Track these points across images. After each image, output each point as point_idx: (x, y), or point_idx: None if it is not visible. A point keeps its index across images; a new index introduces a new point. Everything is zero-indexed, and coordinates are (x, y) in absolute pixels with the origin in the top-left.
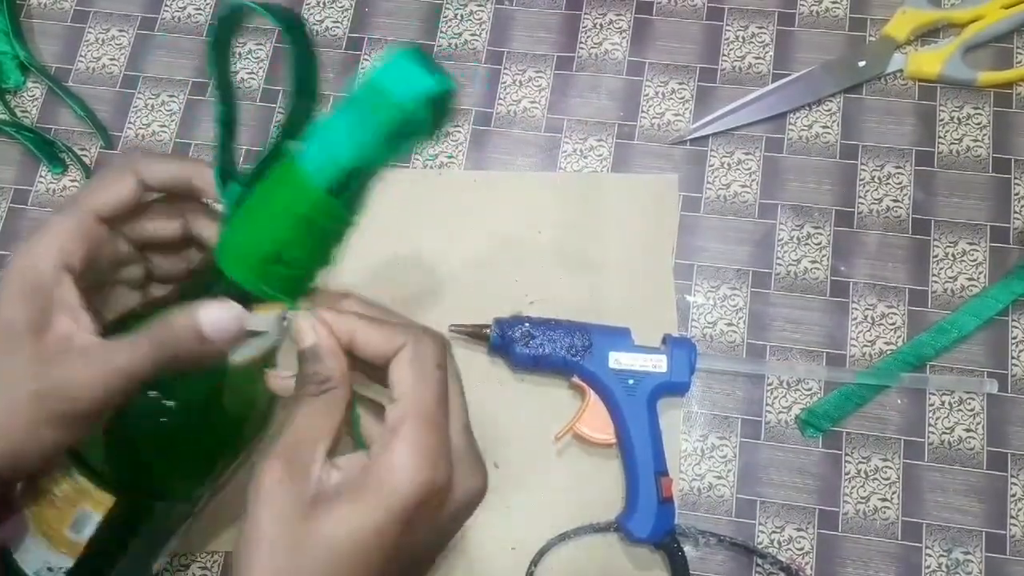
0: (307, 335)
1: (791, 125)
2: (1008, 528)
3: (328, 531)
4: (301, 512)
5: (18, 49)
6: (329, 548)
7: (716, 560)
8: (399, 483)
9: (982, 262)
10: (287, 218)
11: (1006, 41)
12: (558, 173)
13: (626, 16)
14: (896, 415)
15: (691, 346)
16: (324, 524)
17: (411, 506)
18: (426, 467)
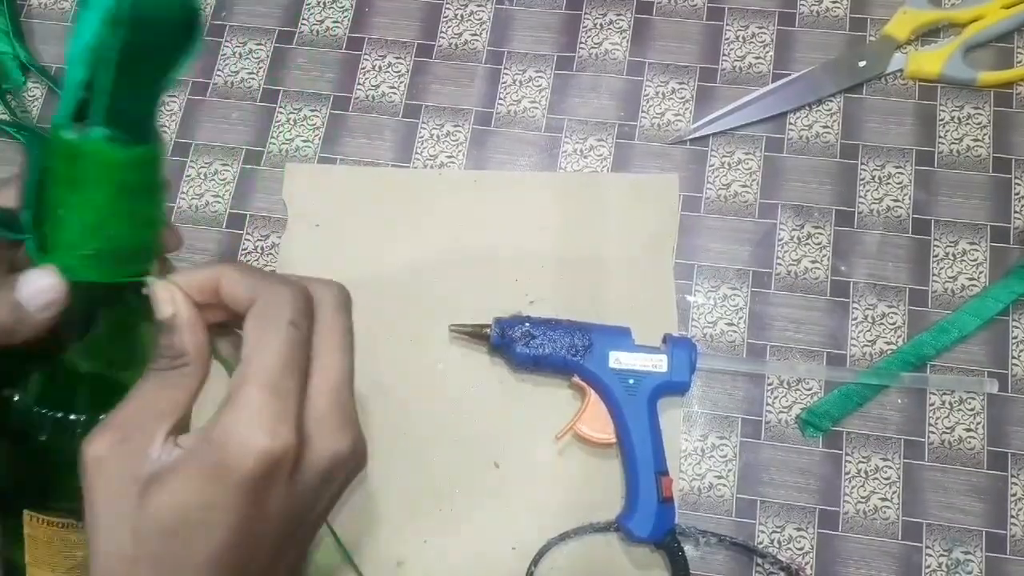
0: (165, 305)
1: (791, 125)
2: (1008, 528)
3: (158, 511)
4: (133, 494)
5: (18, 49)
6: (162, 529)
7: (716, 560)
8: (233, 455)
9: (982, 262)
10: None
11: (1006, 41)
12: (558, 173)
13: (626, 16)
14: (896, 415)
15: (691, 346)
16: (155, 503)
17: (249, 478)
18: (261, 435)
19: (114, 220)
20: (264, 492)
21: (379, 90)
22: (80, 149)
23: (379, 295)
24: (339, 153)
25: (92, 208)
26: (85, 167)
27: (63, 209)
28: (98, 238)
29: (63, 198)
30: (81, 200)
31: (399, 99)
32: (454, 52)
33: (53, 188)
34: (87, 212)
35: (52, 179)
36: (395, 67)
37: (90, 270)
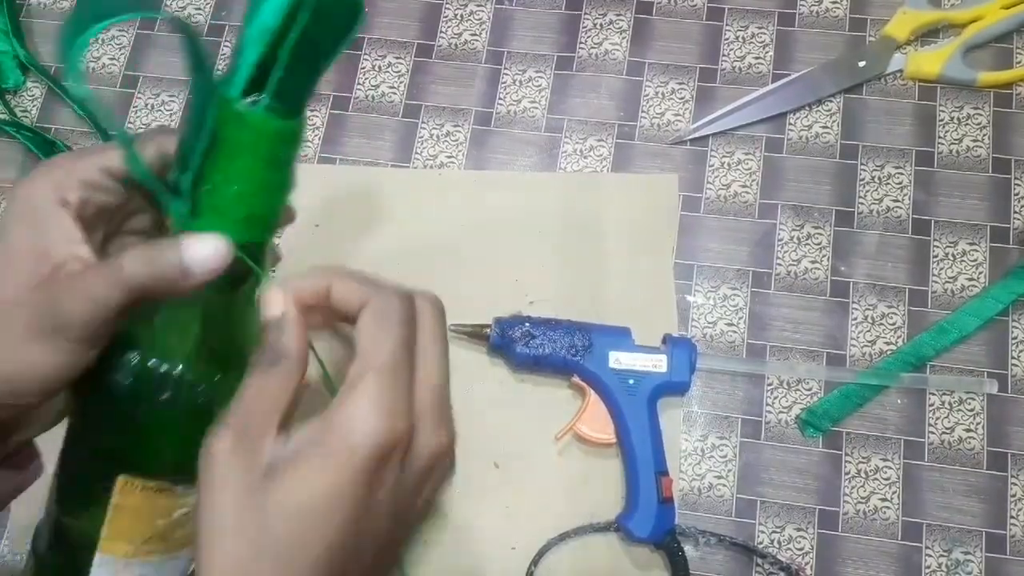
0: (274, 305)
1: (791, 125)
2: (1008, 528)
3: (285, 498)
4: (257, 487)
5: (18, 49)
6: (288, 517)
7: (716, 560)
8: (355, 437)
9: (982, 262)
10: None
11: (1006, 41)
12: (558, 173)
13: (626, 16)
14: (896, 415)
15: (691, 346)
16: (280, 492)
17: (369, 460)
18: (383, 418)
19: (264, 188)
20: (378, 476)
21: (379, 90)
22: (250, 119)
23: None
24: (339, 153)
25: (249, 175)
26: (250, 136)
27: (222, 176)
28: (249, 204)
29: (224, 165)
30: (241, 167)
31: (399, 99)
32: (454, 52)
33: (215, 156)
34: (244, 179)
35: (216, 147)
36: (395, 67)
37: (240, 232)
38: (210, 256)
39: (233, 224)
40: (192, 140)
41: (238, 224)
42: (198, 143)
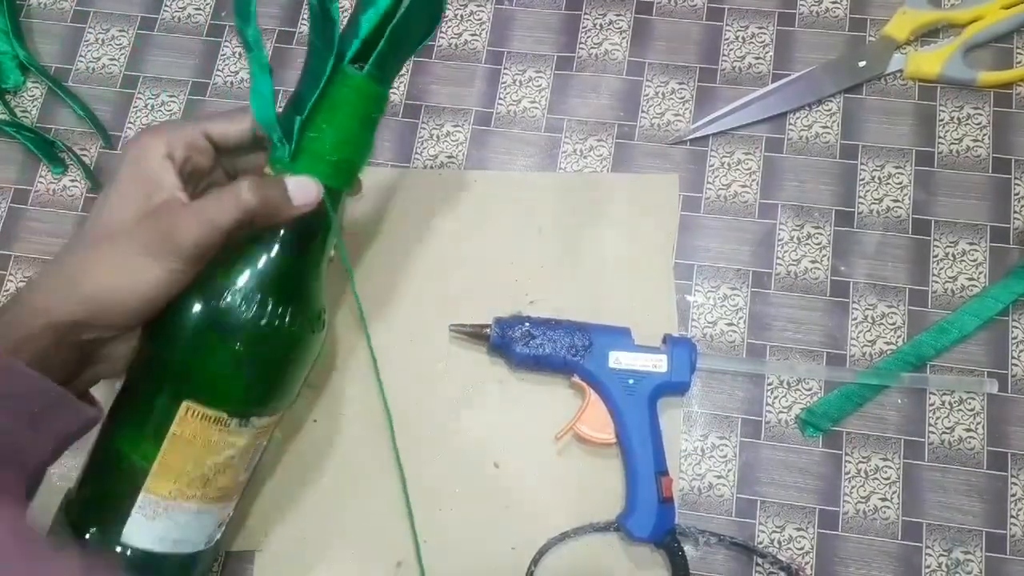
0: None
1: (791, 125)
2: (1008, 528)
3: None
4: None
5: (18, 49)
6: None
7: (716, 560)
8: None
9: (982, 262)
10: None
11: (1006, 41)
12: (558, 173)
13: (626, 16)
14: (896, 415)
15: (691, 346)
16: None
17: None
18: None
19: (354, 141)
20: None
21: None
22: (357, 82)
23: (379, 295)
24: None
25: (346, 126)
26: (354, 96)
27: (326, 124)
28: (343, 151)
29: (328, 116)
30: (341, 118)
31: (399, 99)
32: (454, 52)
33: (322, 107)
34: (343, 128)
35: (323, 100)
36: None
37: (330, 177)
38: (307, 192)
39: (325, 167)
40: (308, 92)
41: (329, 167)
42: (312, 94)
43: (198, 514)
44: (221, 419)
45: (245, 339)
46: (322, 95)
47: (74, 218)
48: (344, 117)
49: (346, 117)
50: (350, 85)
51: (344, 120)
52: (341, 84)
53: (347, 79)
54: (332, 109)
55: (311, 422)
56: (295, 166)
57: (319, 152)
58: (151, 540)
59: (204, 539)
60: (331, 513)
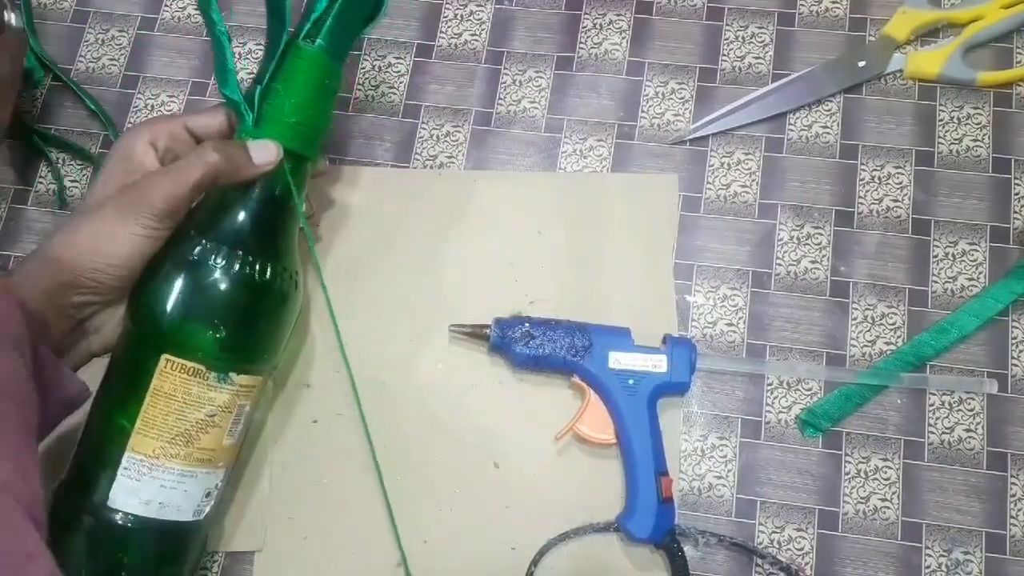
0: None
1: (791, 125)
2: (1008, 528)
3: None
4: None
5: (35, 45)
6: None
7: (716, 560)
8: None
9: (982, 262)
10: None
11: (1006, 41)
12: (558, 173)
13: (626, 16)
14: (896, 415)
15: (691, 346)
16: None
17: None
18: None
19: (312, 105)
20: None
21: (379, 90)
22: (310, 53)
23: (379, 295)
24: (339, 153)
25: (302, 91)
26: (307, 65)
27: (284, 89)
28: (300, 114)
29: (285, 84)
30: (297, 85)
31: (399, 99)
32: (454, 52)
33: (280, 77)
34: (299, 95)
35: (282, 71)
36: (395, 67)
37: (290, 140)
38: (267, 151)
39: (285, 129)
40: (266, 64)
41: (289, 130)
42: (269, 66)
43: (182, 475)
44: (200, 371)
45: (216, 290)
46: (278, 66)
47: None
48: (299, 86)
49: (301, 86)
50: (304, 57)
51: (299, 89)
52: (295, 56)
53: (300, 51)
54: (288, 80)
55: (311, 422)
56: (257, 132)
57: (277, 117)
58: (137, 504)
59: (191, 507)
60: (331, 513)
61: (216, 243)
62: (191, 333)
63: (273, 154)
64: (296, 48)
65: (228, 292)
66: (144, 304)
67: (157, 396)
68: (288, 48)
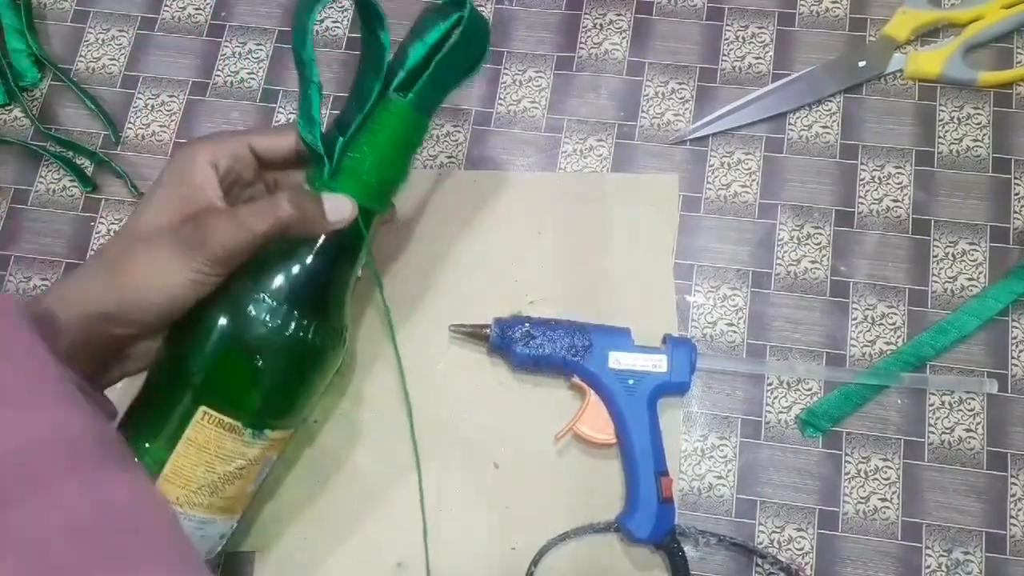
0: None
1: (791, 125)
2: (1008, 528)
3: None
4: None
5: (34, 45)
6: None
7: (716, 560)
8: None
9: (982, 262)
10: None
11: (1006, 41)
12: (558, 173)
13: (626, 16)
14: (896, 415)
15: (691, 346)
16: None
17: None
18: None
19: (393, 163)
20: None
21: None
22: (400, 108)
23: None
24: None
25: (386, 148)
26: (395, 120)
27: (368, 146)
28: (380, 173)
29: (370, 139)
30: (382, 141)
31: None
32: None
33: (365, 129)
34: (382, 151)
35: (367, 122)
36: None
37: (366, 197)
38: (342, 209)
39: (362, 187)
40: (352, 114)
41: (366, 188)
42: (356, 117)
43: (202, 523)
44: (236, 428)
45: (267, 350)
46: (366, 118)
47: (74, 218)
48: (384, 141)
49: (386, 141)
50: (393, 111)
51: (384, 144)
52: (384, 109)
53: (390, 104)
54: (374, 132)
55: (311, 422)
56: (333, 184)
57: (357, 172)
58: None
59: (205, 548)
60: (331, 513)
61: (272, 298)
62: (235, 392)
63: (347, 212)
64: (387, 101)
65: (280, 353)
66: (190, 354)
67: (190, 446)
68: (380, 100)
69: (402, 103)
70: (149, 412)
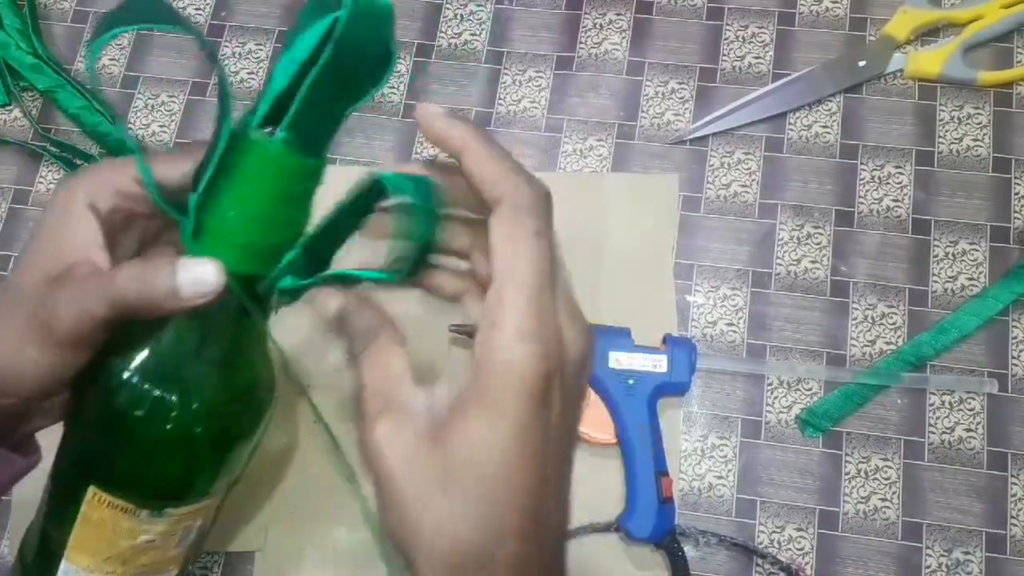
0: (328, 304)
1: (791, 125)
2: (1008, 528)
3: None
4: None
5: (38, 47)
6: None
7: (716, 560)
8: (516, 378)
9: (982, 262)
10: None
11: (1006, 41)
12: (558, 173)
13: (626, 16)
14: (896, 415)
15: (691, 346)
16: (460, 452)
17: (536, 396)
18: (539, 346)
19: (268, 220)
20: (547, 402)
21: None
22: (262, 149)
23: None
24: (339, 153)
25: (255, 204)
26: (261, 165)
27: (229, 200)
28: (252, 232)
29: (233, 189)
30: (248, 194)
31: (399, 99)
32: (454, 52)
33: (225, 180)
34: (249, 207)
35: (227, 171)
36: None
37: (241, 261)
38: (202, 281)
39: (231, 251)
40: (204, 160)
41: (236, 251)
42: (208, 164)
43: None
44: (129, 508)
45: (143, 435)
46: (220, 166)
47: None
48: (250, 193)
49: (253, 193)
50: (256, 153)
51: (250, 197)
52: (244, 153)
53: (252, 147)
54: (235, 182)
55: (311, 421)
56: (197, 246)
57: (222, 233)
58: None
59: None
60: (331, 514)
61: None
62: (118, 475)
63: (211, 283)
64: (245, 142)
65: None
66: (70, 428)
67: (87, 523)
68: (234, 141)
69: (265, 144)
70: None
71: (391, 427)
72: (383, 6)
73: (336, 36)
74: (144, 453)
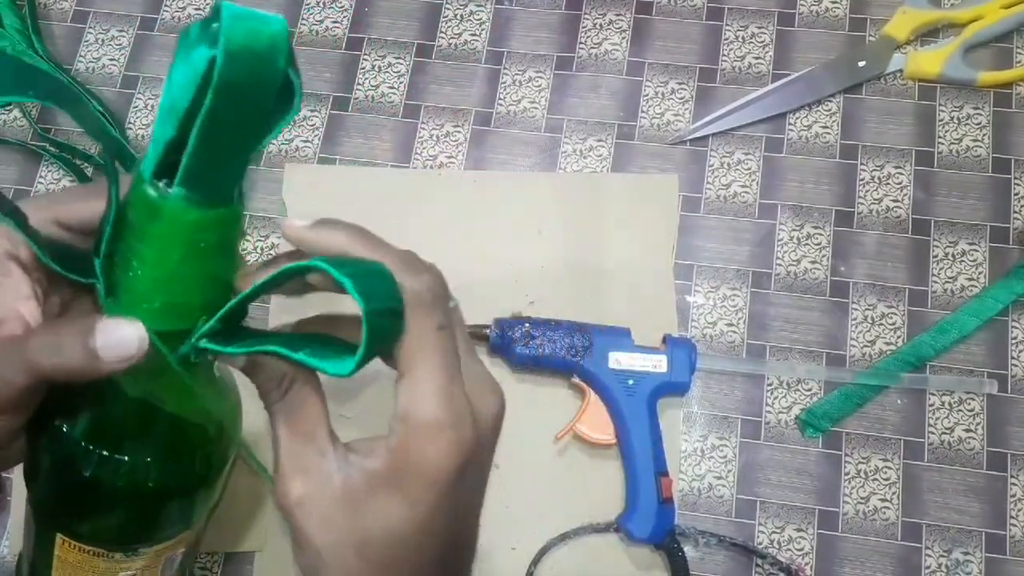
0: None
1: (791, 125)
2: (1008, 528)
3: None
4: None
5: (39, 47)
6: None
7: (716, 560)
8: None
9: (982, 262)
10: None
11: (1006, 41)
12: (558, 173)
13: (626, 16)
14: (896, 415)
15: (691, 346)
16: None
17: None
18: (452, 443)
19: (184, 277)
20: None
21: (379, 90)
22: (158, 207)
23: None
24: (338, 153)
25: (164, 264)
26: (161, 224)
27: (136, 260)
28: (168, 292)
29: (136, 250)
30: (153, 254)
31: (399, 99)
32: (454, 52)
33: (127, 239)
34: (158, 267)
35: (127, 230)
36: (395, 67)
37: (159, 319)
38: (123, 344)
39: (149, 311)
40: (102, 220)
41: (154, 311)
42: (104, 224)
43: None
44: (100, 552)
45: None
46: (117, 225)
47: None
48: (155, 252)
49: (158, 252)
50: (152, 212)
51: (157, 256)
52: (139, 209)
53: (147, 204)
54: (137, 240)
55: None
56: (114, 305)
57: (137, 293)
58: None
59: None
60: None
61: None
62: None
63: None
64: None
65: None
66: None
67: (63, 565)
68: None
69: (162, 203)
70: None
71: (306, 490)
72: (268, 35)
73: (215, 83)
74: (101, 509)
